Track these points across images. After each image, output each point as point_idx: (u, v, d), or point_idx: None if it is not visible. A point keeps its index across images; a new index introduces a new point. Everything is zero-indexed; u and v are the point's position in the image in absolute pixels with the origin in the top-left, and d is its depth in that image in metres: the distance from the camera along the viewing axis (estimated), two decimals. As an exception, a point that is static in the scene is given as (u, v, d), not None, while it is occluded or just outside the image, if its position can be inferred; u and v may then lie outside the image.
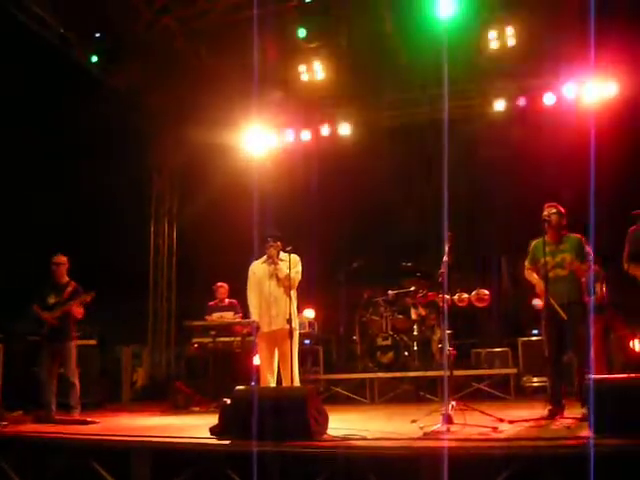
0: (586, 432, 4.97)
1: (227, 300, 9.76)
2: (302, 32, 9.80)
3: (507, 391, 9.10)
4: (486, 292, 8.52)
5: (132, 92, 11.08)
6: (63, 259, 7.91)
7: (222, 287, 9.87)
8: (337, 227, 9.63)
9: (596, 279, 7.90)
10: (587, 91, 10.48)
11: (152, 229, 12.94)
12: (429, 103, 11.03)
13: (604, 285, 7.96)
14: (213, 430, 5.60)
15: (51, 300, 7.69)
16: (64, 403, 7.52)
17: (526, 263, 6.55)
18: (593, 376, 5.19)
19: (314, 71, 10.46)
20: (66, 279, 7.89)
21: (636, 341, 8.24)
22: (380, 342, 9.74)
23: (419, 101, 11.24)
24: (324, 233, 9.31)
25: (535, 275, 6.45)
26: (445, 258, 6.25)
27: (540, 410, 6.15)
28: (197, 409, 8.79)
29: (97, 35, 10.28)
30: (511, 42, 9.52)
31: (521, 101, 10.80)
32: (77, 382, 7.61)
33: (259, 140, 12.18)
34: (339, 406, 8.70)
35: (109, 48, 10.16)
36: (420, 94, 11.14)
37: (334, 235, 9.55)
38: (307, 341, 10.33)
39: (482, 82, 10.72)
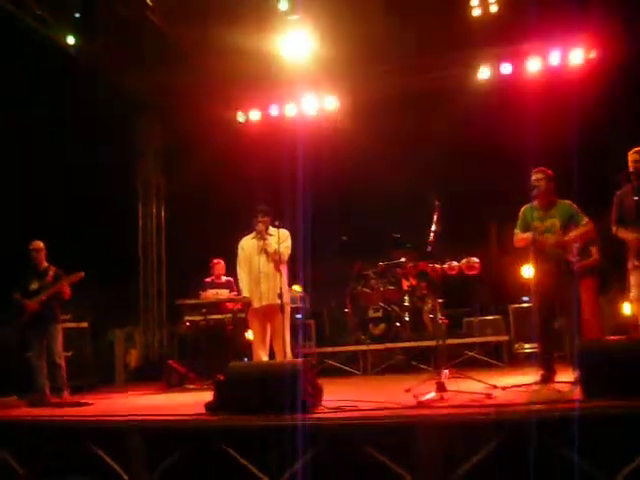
0: (577, 395, 5.02)
1: (224, 278, 9.74)
2: (283, 4, 9.67)
3: (500, 358, 9.17)
4: (476, 260, 8.54)
5: (111, 72, 10.95)
6: (41, 245, 7.88)
7: (219, 264, 9.83)
8: (325, 200, 9.61)
9: (591, 242, 7.93)
10: (570, 56, 10.45)
11: (140, 210, 12.87)
12: (413, 73, 10.98)
13: (597, 248, 8.00)
14: (208, 406, 5.60)
15: (34, 286, 7.67)
16: (56, 387, 7.52)
17: (516, 229, 6.54)
18: (583, 340, 5.23)
19: (296, 44, 10.35)
20: (45, 264, 7.86)
21: (626, 304, 8.27)
22: (371, 314, 9.78)
23: (404, 72, 11.16)
24: (312, 207, 9.27)
25: (524, 234, 6.43)
26: (434, 227, 6.26)
27: (533, 376, 6.20)
28: (191, 387, 8.82)
29: (76, 15, 10.13)
30: (493, 9, 9.46)
31: (505, 68, 10.76)
32: (62, 363, 7.60)
33: (244, 115, 12.12)
34: (332, 379, 8.72)
35: (87, 28, 10.00)
36: (404, 64, 11.06)
37: (322, 208, 9.53)
38: (299, 315, 10.36)
39: (465, 49, 10.62)
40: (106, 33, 10.33)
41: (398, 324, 9.69)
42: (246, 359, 8.45)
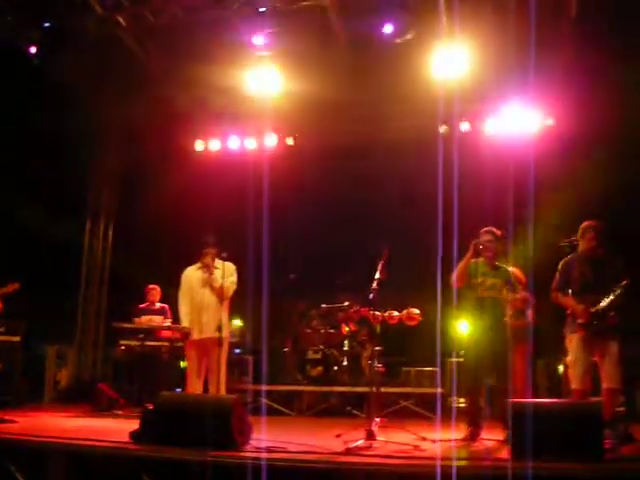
0: (505, 454, 5.07)
1: (158, 304, 9.61)
2: (257, 39, 9.74)
3: (433, 410, 9.19)
4: (416, 311, 8.58)
5: (74, 89, 10.86)
6: None
7: (154, 290, 9.70)
8: (276, 237, 9.61)
9: (527, 306, 8.08)
10: (525, 121, 10.73)
11: (87, 227, 12.68)
12: (374, 122, 11.15)
13: (533, 311, 8.13)
14: (133, 434, 5.50)
15: None
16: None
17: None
18: (513, 400, 5.30)
19: (265, 80, 10.42)
20: None
21: (561, 367, 8.41)
22: (311, 355, 9.75)
23: (364, 119, 11.32)
24: (261, 242, 9.27)
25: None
26: (377, 275, 6.32)
27: (463, 431, 6.24)
28: (120, 413, 8.60)
29: (45, 25, 10.04)
30: (458, 67, 9.67)
31: (464, 125, 10.99)
32: None
33: (202, 145, 12.11)
34: (266, 417, 8.63)
35: (53, 40, 9.91)
36: (366, 112, 11.23)
37: (273, 244, 9.53)
38: (237, 350, 10.27)
39: (427, 105, 10.82)
40: (73, 47, 10.25)
41: (336, 368, 9.66)
42: (179, 390, 8.32)
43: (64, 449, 5.19)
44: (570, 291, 6.25)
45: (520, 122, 10.81)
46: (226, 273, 7.09)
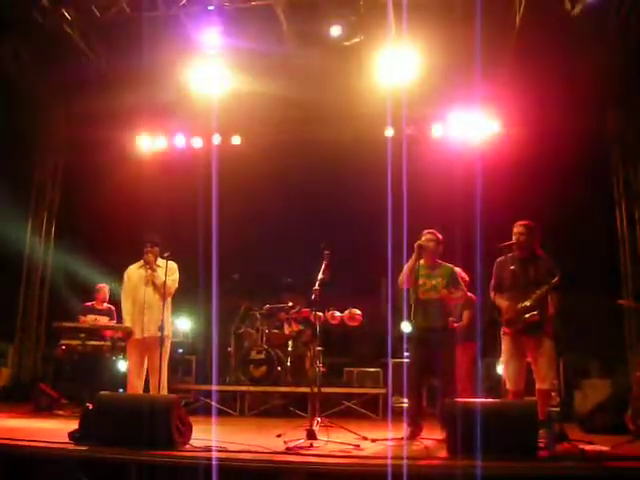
0: (443, 453, 5.16)
1: (105, 304, 9.50)
2: (206, 37, 9.68)
3: (376, 410, 9.27)
4: (358, 312, 8.66)
5: (19, 78, 10.65)
6: None
7: (103, 289, 9.59)
8: (220, 236, 9.56)
9: (466, 306, 8.21)
10: (473, 126, 10.88)
11: (30, 225, 12.42)
12: (321, 122, 11.20)
13: (473, 312, 8.26)
14: (72, 435, 5.43)
15: None
16: None
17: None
18: (451, 400, 5.40)
19: (212, 78, 10.37)
20: None
21: (500, 367, 8.56)
22: (254, 355, 9.72)
23: (311, 119, 11.36)
24: (206, 242, 9.22)
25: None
26: (320, 275, 6.36)
27: (404, 430, 6.33)
28: (61, 413, 8.49)
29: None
30: (405, 71, 9.77)
31: (409, 130, 11.08)
32: None
33: (148, 142, 11.98)
34: (208, 418, 8.60)
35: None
36: (311, 114, 11.27)
37: (217, 244, 9.48)
38: (180, 350, 10.20)
39: (374, 108, 10.90)
40: (19, 37, 10.05)
41: (279, 368, 9.66)
42: (121, 390, 8.23)
43: (2, 450, 5.09)
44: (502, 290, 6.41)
45: (467, 127, 10.95)
46: (168, 271, 7.03)
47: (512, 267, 6.31)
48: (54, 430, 6.26)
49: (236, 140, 11.65)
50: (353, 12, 9.38)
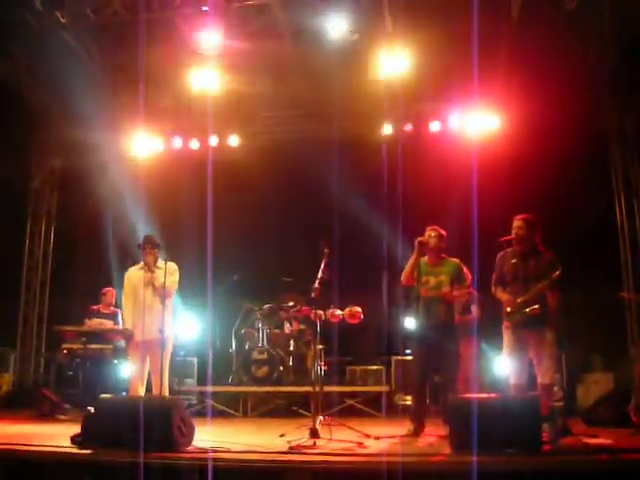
0: (447, 449, 5.15)
1: (112, 308, 9.48)
2: (201, 38, 9.66)
3: (379, 409, 9.26)
4: (358, 309, 8.60)
5: (15, 82, 10.63)
6: None
7: (109, 292, 9.56)
8: (220, 237, 9.55)
9: (472, 301, 8.20)
10: (471, 122, 10.85)
11: (28, 229, 12.41)
12: (318, 122, 11.18)
13: (477, 307, 8.25)
14: (74, 439, 5.41)
15: None
16: None
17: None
18: (453, 396, 5.39)
19: (208, 79, 10.35)
20: None
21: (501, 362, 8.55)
22: (256, 356, 9.71)
23: (308, 119, 11.34)
24: (204, 243, 9.22)
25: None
26: (320, 274, 6.34)
27: (408, 428, 6.32)
28: (63, 417, 8.48)
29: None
30: (402, 68, 9.75)
31: (408, 127, 11.06)
32: None
33: (145, 144, 11.95)
34: (212, 419, 8.60)
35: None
36: (310, 113, 11.25)
37: (216, 245, 9.47)
38: (182, 352, 10.18)
39: (372, 105, 10.89)
40: (13, 40, 10.03)
41: (282, 368, 9.65)
42: (124, 393, 8.21)
43: (4, 455, 5.08)
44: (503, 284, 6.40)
45: (465, 123, 10.93)
46: (168, 272, 7.01)
47: (513, 261, 6.31)
48: (56, 435, 6.23)
49: (233, 141, 11.61)
50: (349, 10, 9.35)
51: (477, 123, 10.80)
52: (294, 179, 10.96)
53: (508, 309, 6.20)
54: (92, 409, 5.53)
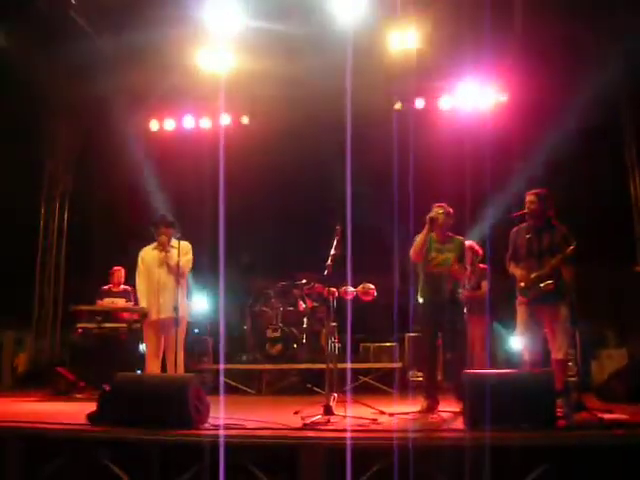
0: (460, 425, 5.17)
1: (122, 286, 9.56)
2: (217, 17, 9.60)
3: (393, 385, 9.30)
4: (371, 286, 8.59)
5: (25, 67, 10.62)
6: None
7: (119, 271, 9.66)
8: (234, 215, 9.56)
9: (482, 277, 8.20)
10: (481, 97, 10.78)
11: (43, 211, 12.47)
12: (329, 99, 11.10)
13: (487, 283, 8.24)
14: (90, 416, 5.46)
15: None
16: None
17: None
18: (467, 371, 5.40)
19: (219, 58, 10.32)
20: None
21: (514, 338, 8.56)
22: (270, 334, 9.76)
23: (320, 96, 11.26)
24: (216, 222, 9.23)
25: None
26: (333, 251, 6.35)
27: (421, 404, 6.34)
28: (79, 396, 8.55)
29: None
30: (412, 44, 9.68)
31: (419, 102, 11.01)
32: None
33: (157, 125, 11.95)
34: (226, 397, 8.63)
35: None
36: (321, 89, 11.17)
37: (228, 224, 9.49)
38: (196, 330, 10.24)
39: (383, 82, 10.81)
40: (24, 26, 10.01)
41: (295, 345, 9.70)
42: (139, 371, 8.28)
43: (21, 432, 5.14)
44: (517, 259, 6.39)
45: (475, 98, 10.86)
46: (182, 251, 7.04)
47: (527, 236, 6.30)
48: (72, 412, 6.29)
49: (245, 120, 11.57)
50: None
51: (488, 98, 10.74)
52: (305, 157, 10.93)
53: (522, 284, 6.19)
54: (108, 387, 5.56)
